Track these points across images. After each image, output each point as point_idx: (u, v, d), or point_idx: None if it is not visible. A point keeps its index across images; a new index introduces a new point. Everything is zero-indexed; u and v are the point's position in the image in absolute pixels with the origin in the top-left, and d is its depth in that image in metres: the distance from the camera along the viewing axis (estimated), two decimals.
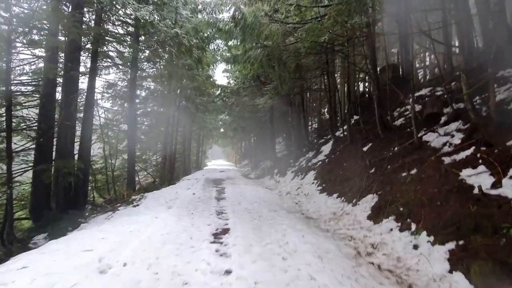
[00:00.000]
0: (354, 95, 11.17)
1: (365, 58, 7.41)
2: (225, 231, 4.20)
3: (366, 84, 16.63)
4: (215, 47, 10.76)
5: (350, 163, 7.46)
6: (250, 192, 8.37)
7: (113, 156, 11.08)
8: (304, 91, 12.92)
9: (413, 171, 4.89)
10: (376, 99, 7.45)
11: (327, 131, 16.44)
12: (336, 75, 14.06)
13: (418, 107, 8.04)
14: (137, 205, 6.11)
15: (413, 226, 3.82)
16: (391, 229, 4.11)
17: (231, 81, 20.06)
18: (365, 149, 7.50)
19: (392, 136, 6.91)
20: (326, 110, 22.17)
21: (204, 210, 5.55)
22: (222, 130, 28.71)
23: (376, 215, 4.71)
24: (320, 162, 9.68)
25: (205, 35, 9.06)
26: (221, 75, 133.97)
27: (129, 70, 10.76)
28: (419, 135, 5.55)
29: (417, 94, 9.22)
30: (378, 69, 8.79)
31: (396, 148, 5.95)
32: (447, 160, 4.44)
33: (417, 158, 5.07)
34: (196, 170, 24.09)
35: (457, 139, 4.80)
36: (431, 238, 3.43)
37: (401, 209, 4.31)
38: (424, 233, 3.57)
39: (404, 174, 5.02)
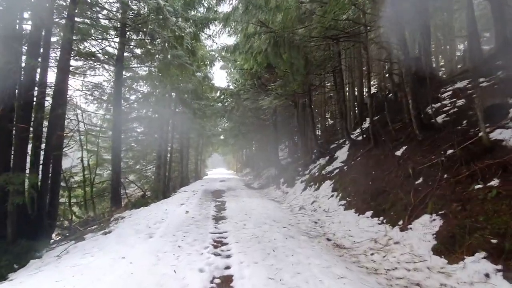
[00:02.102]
0: (370, 92, 9.73)
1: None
2: (226, 282, 2.71)
3: (374, 83, 15.27)
4: (211, 33, 9.30)
5: (381, 172, 6.00)
6: (256, 208, 6.87)
7: (93, 167, 9.60)
8: (312, 90, 11.53)
9: (493, 182, 3.42)
10: (411, 92, 6.05)
11: (336, 135, 15.02)
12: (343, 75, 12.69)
13: (461, 101, 6.66)
14: (109, 231, 4.61)
15: None
16: (487, 275, 2.63)
17: (231, 86, 18.77)
18: (398, 153, 6.05)
19: (434, 137, 5.47)
20: (328, 115, 20.71)
21: (197, 240, 4.06)
22: (222, 137, 27.25)
23: (448, 248, 3.21)
24: (338, 170, 8.20)
25: (198, 14, 7.69)
26: (219, 76, 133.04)
27: (115, 69, 9.42)
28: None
29: (451, 87, 7.86)
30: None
31: (451, 151, 4.49)
32: None
33: (494, 164, 3.61)
34: (195, 180, 22.58)
35: None
36: None
37: (495, 241, 2.83)
38: None
39: (478, 186, 3.55)
